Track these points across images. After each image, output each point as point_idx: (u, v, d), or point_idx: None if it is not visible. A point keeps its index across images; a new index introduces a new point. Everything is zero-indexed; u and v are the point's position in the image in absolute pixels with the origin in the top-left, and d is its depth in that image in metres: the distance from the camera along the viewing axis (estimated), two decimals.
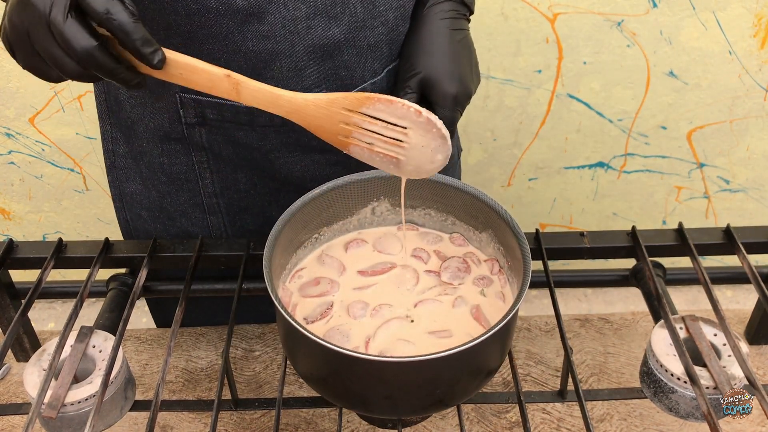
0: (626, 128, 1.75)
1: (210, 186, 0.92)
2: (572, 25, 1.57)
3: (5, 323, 0.92)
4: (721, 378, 0.68)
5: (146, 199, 0.95)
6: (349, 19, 0.80)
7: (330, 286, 0.75)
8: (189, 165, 0.90)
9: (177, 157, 0.90)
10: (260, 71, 0.80)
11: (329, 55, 0.82)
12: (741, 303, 1.98)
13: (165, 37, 0.78)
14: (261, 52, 0.79)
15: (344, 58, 0.83)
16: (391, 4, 0.84)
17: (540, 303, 1.94)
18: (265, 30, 0.77)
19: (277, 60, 0.80)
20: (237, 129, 0.86)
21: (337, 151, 0.91)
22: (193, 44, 0.78)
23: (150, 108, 0.86)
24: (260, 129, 0.86)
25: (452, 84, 0.80)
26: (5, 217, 1.94)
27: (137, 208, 0.97)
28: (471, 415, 0.86)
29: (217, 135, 0.87)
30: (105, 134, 0.94)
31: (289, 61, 0.80)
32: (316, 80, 0.83)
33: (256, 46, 0.78)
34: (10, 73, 1.65)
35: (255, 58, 0.79)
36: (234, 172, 0.91)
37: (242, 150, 0.88)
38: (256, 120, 0.85)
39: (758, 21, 1.57)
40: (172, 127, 0.87)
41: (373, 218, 0.82)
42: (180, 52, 0.76)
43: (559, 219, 1.96)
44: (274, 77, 0.81)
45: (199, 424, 0.86)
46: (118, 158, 0.94)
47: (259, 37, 0.78)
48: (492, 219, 0.75)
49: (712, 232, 0.88)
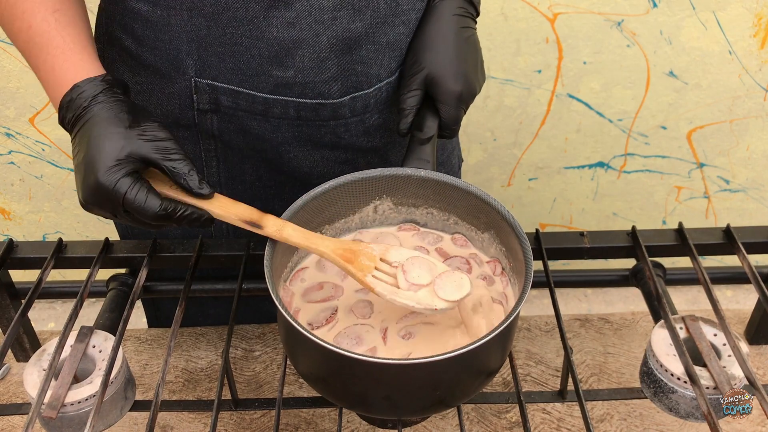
0: (626, 128, 1.75)
1: (215, 175, 0.91)
2: (572, 25, 1.57)
3: (5, 323, 0.92)
4: (721, 378, 0.68)
5: None
6: (372, 14, 0.80)
7: (334, 291, 0.75)
8: (196, 153, 0.90)
9: (184, 144, 0.89)
10: (282, 59, 0.80)
11: (348, 49, 0.82)
12: (741, 303, 1.98)
13: (188, 17, 0.78)
14: (285, 39, 0.78)
15: (362, 53, 0.83)
16: (414, 5, 0.84)
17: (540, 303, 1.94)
18: (291, 17, 0.77)
19: (300, 49, 0.79)
20: (251, 119, 0.85)
21: (347, 149, 0.92)
22: (216, 27, 0.78)
23: (158, 94, 0.85)
24: (274, 120, 0.85)
25: (457, 83, 0.80)
26: (5, 217, 1.94)
27: None
28: (471, 415, 0.86)
29: (229, 123, 0.86)
30: None
31: (311, 51, 0.80)
32: (335, 74, 0.83)
33: (281, 33, 0.78)
34: (10, 73, 1.65)
35: (278, 45, 0.79)
36: (241, 163, 0.90)
37: (253, 140, 0.88)
38: (270, 111, 0.84)
39: (758, 21, 1.57)
40: (182, 113, 0.86)
41: (375, 217, 0.82)
42: (203, 31, 0.77)
43: (559, 219, 1.96)
44: (295, 66, 0.81)
45: (199, 424, 0.86)
46: None
47: (285, 23, 0.77)
48: (494, 219, 0.75)
49: (712, 232, 0.88)
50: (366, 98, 0.86)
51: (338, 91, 0.84)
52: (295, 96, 0.83)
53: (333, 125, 0.87)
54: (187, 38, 0.79)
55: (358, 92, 0.85)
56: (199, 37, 0.79)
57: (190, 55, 0.81)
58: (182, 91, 0.84)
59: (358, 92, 0.85)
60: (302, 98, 0.83)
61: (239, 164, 0.90)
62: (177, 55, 0.81)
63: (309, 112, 0.85)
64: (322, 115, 0.85)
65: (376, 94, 0.87)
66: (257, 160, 0.90)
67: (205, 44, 0.80)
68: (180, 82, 0.83)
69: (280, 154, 0.89)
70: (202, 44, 0.80)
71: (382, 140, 0.92)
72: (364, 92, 0.86)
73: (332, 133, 0.88)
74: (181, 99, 0.85)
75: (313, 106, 0.84)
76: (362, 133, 0.90)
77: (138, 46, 0.82)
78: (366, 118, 0.88)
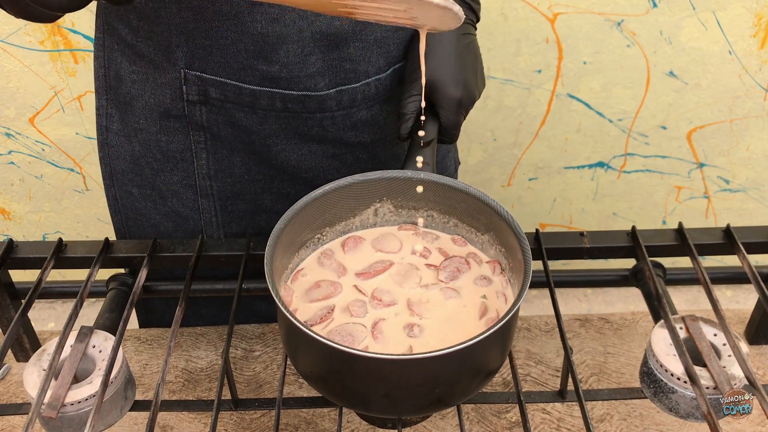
0: (626, 128, 1.75)
1: (205, 167, 0.92)
2: (572, 25, 1.57)
3: (5, 323, 0.92)
4: (721, 378, 0.68)
5: (138, 176, 0.95)
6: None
7: (333, 288, 0.75)
8: (186, 144, 0.90)
9: (175, 135, 0.90)
10: (267, 54, 0.81)
11: (335, 45, 0.83)
12: (741, 303, 1.98)
13: (176, 10, 0.79)
14: (269, 34, 0.79)
15: (350, 50, 0.84)
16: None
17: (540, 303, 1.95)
18: (275, 12, 0.78)
19: (284, 44, 0.80)
20: (238, 110, 0.86)
21: (334, 144, 0.92)
22: (203, 20, 0.79)
23: (152, 83, 0.87)
24: (261, 112, 0.86)
25: (457, 89, 0.80)
26: (5, 217, 1.94)
27: (128, 185, 0.96)
28: (471, 415, 0.86)
29: (218, 115, 0.87)
30: (100, 110, 0.94)
31: (295, 46, 0.81)
32: (320, 68, 0.84)
33: (265, 28, 0.79)
34: (10, 73, 1.65)
35: (262, 40, 0.80)
36: (230, 155, 0.91)
37: (241, 133, 0.88)
38: (257, 102, 0.85)
39: (758, 21, 1.57)
40: (173, 104, 0.87)
41: (376, 219, 0.82)
42: (189, 27, 0.76)
43: (559, 219, 1.96)
44: (280, 61, 0.82)
45: (199, 424, 0.86)
46: (110, 135, 0.94)
47: (269, 19, 0.78)
48: (493, 220, 0.75)
49: (712, 232, 0.88)
50: (353, 92, 0.87)
51: (325, 86, 0.85)
52: (281, 88, 0.84)
53: (319, 118, 0.87)
54: (177, 30, 0.81)
55: (344, 86, 0.86)
56: (187, 29, 0.80)
57: (179, 47, 0.82)
58: (173, 82, 0.85)
59: (345, 86, 0.86)
60: (288, 90, 0.84)
61: (228, 157, 0.91)
62: (168, 46, 0.82)
63: (295, 104, 0.86)
64: (309, 107, 0.86)
65: (364, 89, 0.88)
66: (246, 152, 0.91)
67: (193, 37, 0.81)
68: (171, 72, 0.84)
69: (268, 147, 0.90)
70: (190, 37, 0.81)
71: (370, 136, 0.93)
72: (351, 86, 0.86)
73: (319, 126, 0.88)
74: (172, 89, 0.86)
75: (300, 98, 0.85)
76: (349, 128, 0.90)
77: (134, 36, 0.84)
78: (353, 112, 0.89)
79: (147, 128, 0.91)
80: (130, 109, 0.90)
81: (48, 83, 1.67)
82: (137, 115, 0.90)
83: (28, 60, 1.63)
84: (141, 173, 0.94)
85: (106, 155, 0.96)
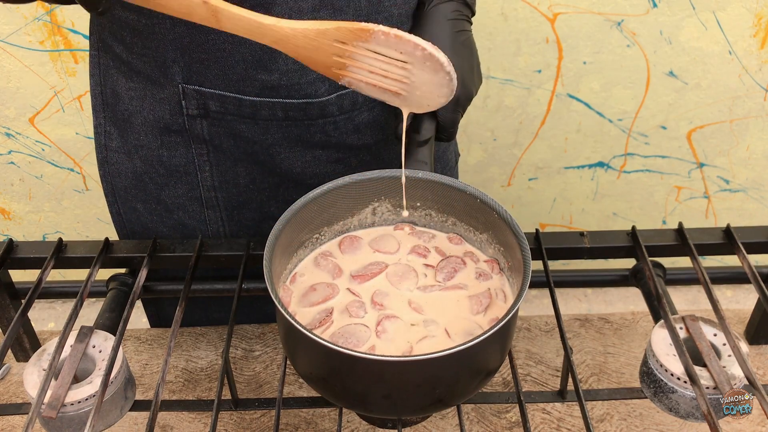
0: (626, 128, 1.75)
1: (209, 179, 0.92)
2: (572, 25, 1.57)
3: (5, 323, 0.92)
4: (721, 378, 0.68)
5: (142, 192, 0.95)
6: (353, 12, 0.81)
7: (330, 291, 0.75)
8: (188, 158, 0.90)
9: (176, 149, 0.90)
10: (266, 63, 0.81)
11: None
12: (741, 303, 1.98)
13: (170, 25, 0.79)
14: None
15: None
16: (396, 0, 0.84)
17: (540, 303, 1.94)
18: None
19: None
20: (239, 122, 0.86)
21: (338, 148, 0.92)
22: (198, 33, 0.79)
23: (150, 100, 0.86)
24: (262, 123, 0.86)
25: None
26: (5, 217, 1.94)
27: (132, 201, 0.96)
28: (471, 415, 0.86)
29: (219, 128, 0.87)
30: (98, 128, 0.93)
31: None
32: (320, 74, 0.83)
33: None
34: (10, 73, 1.65)
35: (260, 49, 0.80)
36: (234, 166, 0.91)
37: (243, 144, 0.88)
38: (258, 113, 0.85)
39: (758, 21, 1.57)
40: (172, 119, 0.87)
41: (374, 219, 0.82)
42: (186, 38, 0.76)
43: (559, 219, 1.96)
44: (279, 69, 0.81)
45: (199, 424, 0.86)
46: (110, 153, 0.94)
47: None
48: (492, 219, 0.75)
49: (712, 232, 0.88)
50: (354, 95, 0.87)
51: (326, 91, 0.85)
52: (281, 97, 0.83)
53: (322, 123, 0.87)
54: (172, 46, 0.80)
55: (345, 90, 0.86)
56: (183, 44, 0.80)
57: (176, 62, 0.82)
58: (172, 97, 0.85)
59: (345, 90, 0.86)
60: (289, 98, 0.84)
61: (232, 168, 0.91)
62: (164, 62, 0.82)
63: (297, 112, 0.85)
64: (310, 114, 0.86)
65: None
66: (250, 162, 0.90)
67: (190, 51, 0.80)
68: (169, 88, 0.84)
69: (272, 156, 0.89)
70: (186, 51, 0.80)
71: (373, 138, 0.92)
72: (352, 90, 0.86)
73: (322, 132, 0.88)
74: (170, 105, 0.85)
75: (301, 105, 0.85)
76: (352, 131, 0.90)
77: (128, 53, 0.83)
78: (355, 115, 0.89)
79: (148, 144, 0.90)
80: (129, 125, 0.90)
81: (48, 83, 1.67)
82: (137, 131, 0.90)
83: (28, 60, 1.63)
84: (144, 189, 0.94)
85: (107, 173, 0.96)
